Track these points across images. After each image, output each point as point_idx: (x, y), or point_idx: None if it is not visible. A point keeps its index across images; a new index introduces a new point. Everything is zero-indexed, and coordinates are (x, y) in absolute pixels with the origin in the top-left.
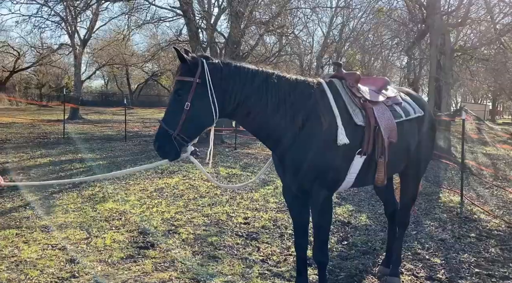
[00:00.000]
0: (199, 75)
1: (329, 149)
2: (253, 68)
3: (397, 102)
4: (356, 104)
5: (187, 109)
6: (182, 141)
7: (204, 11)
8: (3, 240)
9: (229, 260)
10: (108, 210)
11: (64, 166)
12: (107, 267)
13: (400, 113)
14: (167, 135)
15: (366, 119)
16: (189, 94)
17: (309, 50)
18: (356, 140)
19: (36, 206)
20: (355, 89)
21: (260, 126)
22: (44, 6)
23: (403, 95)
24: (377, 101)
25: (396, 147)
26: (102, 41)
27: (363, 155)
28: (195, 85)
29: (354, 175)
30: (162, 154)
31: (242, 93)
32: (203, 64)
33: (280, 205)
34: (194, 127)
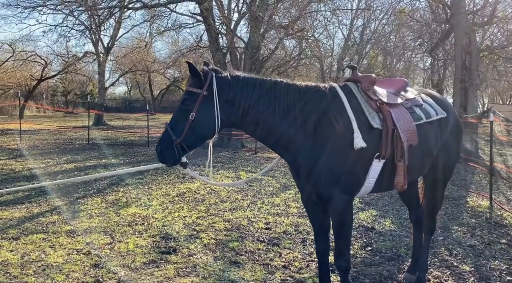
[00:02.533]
0: (206, 88)
1: (345, 153)
2: (261, 78)
3: (417, 104)
4: (372, 107)
5: (192, 120)
6: (182, 150)
7: (224, 17)
8: (31, 245)
9: (250, 266)
10: (131, 215)
11: (88, 171)
12: (130, 272)
13: (420, 115)
14: (170, 141)
15: (383, 122)
16: (195, 105)
17: (330, 53)
18: (374, 144)
19: (62, 211)
20: (371, 92)
21: (269, 135)
22: (69, 16)
23: (424, 96)
24: (395, 103)
25: (417, 150)
26: (125, 48)
27: (382, 158)
28: (202, 97)
29: (373, 179)
30: (161, 159)
31: (249, 104)
32: (212, 77)
33: (302, 210)
34: (195, 138)
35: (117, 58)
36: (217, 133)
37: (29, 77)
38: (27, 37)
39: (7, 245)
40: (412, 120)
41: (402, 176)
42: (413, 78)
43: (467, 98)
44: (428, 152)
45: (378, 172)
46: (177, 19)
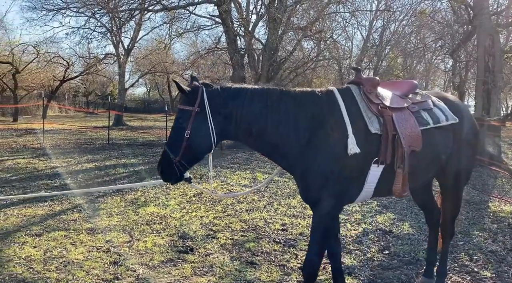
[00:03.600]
0: (198, 104)
1: (339, 159)
2: (253, 88)
3: (426, 108)
4: (372, 111)
5: (187, 137)
6: (182, 168)
7: (242, 19)
8: (53, 241)
9: (266, 267)
10: (150, 214)
11: (108, 170)
12: (148, 270)
13: (427, 120)
14: (170, 161)
15: (383, 127)
16: (189, 123)
17: (348, 54)
18: (371, 149)
19: (83, 209)
20: (373, 95)
21: (264, 144)
22: (91, 18)
23: (436, 100)
24: (399, 107)
25: (421, 156)
26: (145, 50)
27: (381, 164)
28: (194, 114)
29: (372, 184)
30: (164, 178)
31: (242, 115)
32: (202, 92)
33: None
34: (193, 154)
35: (137, 59)
36: (214, 147)
37: (52, 78)
38: (50, 39)
39: (31, 241)
40: (417, 125)
41: (400, 183)
42: (433, 81)
43: (490, 101)
44: (434, 157)
45: (377, 177)
46: (196, 21)
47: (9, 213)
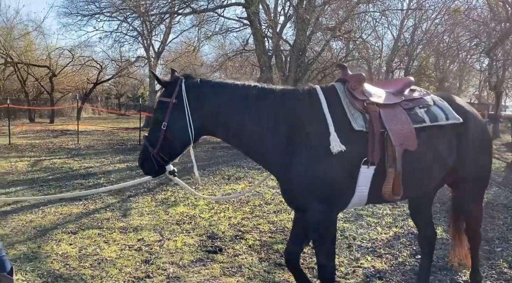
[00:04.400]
0: (176, 96)
1: (323, 158)
2: (232, 83)
3: (423, 105)
4: (356, 107)
5: (164, 129)
6: (161, 160)
7: (270, 20)
8: (87, 239)
9: None
10: (179, 214)
11: (139, 171)
12: (179, 269)
13: (423, 117)
14: (148, 153)
15: (369, 124)
16: (167, 114)
17: (378, 54)
18: (358, 147)
19: (115, 208)
20: (358, 91)
21: (242, 142)
22: (124, 22)
23: (438, 99)
24: (388, 103)
25: (418, 157)
26: (174, 53)
27: (371, 165)
28: (172, 106)
29: (364, 187)
30: (144, 171)
31: (220, 111)
32: (181, 84)
33: (348, 214)
34: (171, 147)
35: (167, 62)
36: (193, 141)
37: (86, 81)
38: (85, 43)
39: (67, 238)
40: (410, 122)
41: (391, 184)
42: (468, 80)
43: None
44: (436, 159)
45: (369, 179)
46: (224, 24)
47: (46, 211)
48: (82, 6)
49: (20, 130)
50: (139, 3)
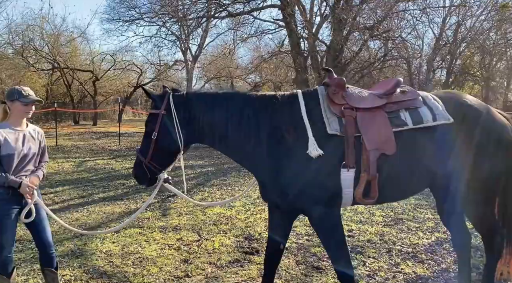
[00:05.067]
0: (164, 107)
1: (305, 162)
2: (216, 92)
3: (409, 107)
4: (333, 112)
5: (155, 139)
6: (154, 169)
7: (306, 21)
8: (129, 238)
9: (333, 273)
10: (216, 215)
11: (177, 171)
12: (217, 269)
13: (405, 120)
14: (140, 163)
15: (345, 128)
16: (156, 126)
17: (418, 53)
18: (334, 151)
19: (155, 208)
20: (338, 96)
21: (228, 149)
22: (162, 27)
23: (432, 99)
24: (367, 107)
25: (398, 161)
26: (211, 56)
27: (351, 168)
28: (161, 117)
29: (348, 190)
30: (137, 181)
31: (204, 120)
32: (168, 97)
33: (387, 218)
34: (162, 156)
35: (203, 65)
36: (182, 149)
37: (127, 85)
38: (125, 48)
39: (110, 237)
40: (389, 126)
41: (362, 187)
42: None
43: None
44: (418, 164)
45: (351, 182)
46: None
47: (91, 210)
48: (124, 12)
49: (66, 132)
50: (177, 8)
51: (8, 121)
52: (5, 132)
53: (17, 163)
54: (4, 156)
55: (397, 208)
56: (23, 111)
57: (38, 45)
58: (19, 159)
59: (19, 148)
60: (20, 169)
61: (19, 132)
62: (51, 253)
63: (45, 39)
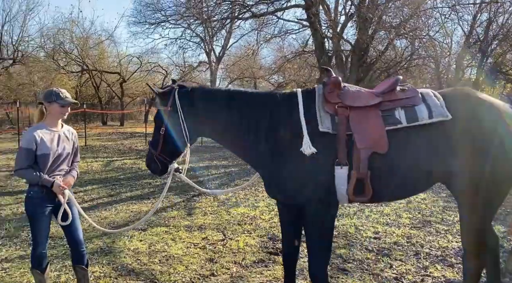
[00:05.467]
0: (170, 103)
1: (298, 160)
2: (219, 89)
3: (406, 106)
4: (326, 110)
5: (163, 134)
6: (164, 160)
7: (331, 20)
8: (156, 236)
9: (359, 275)
10: (241, 214)
11: (202, 172)
12: (241, 269)
13: (400, 119)
14: (151, 156)
15: (337, 126)
16: (164, 120)
17: (447, 52)
18: (328, 149)
19: (180, 207)
20: (333, 94)
21: (229, 144)
22: (187, 29)
23: (432, 96)
24: (361, 105)
25: (391, 160)
26: (234, 57)
27: (344, 165)
28: (167, 112)
29: (342, 187)
30: (151, 171)
31: (206, 115)
32: (174, 93)
33: (415, 221)
34: (170, 148)
35: (227, 66)
36: (189, 142)
37: (153, 86)
38: (151, 50)
39: (137, 235)
40: (381, 125)
41: (352, 185)
42: None
43: None
44: (414, 162)
45: (345, 180)
46: (283, 26)
47: (119, 208)
48: (150, 15)
49: (95, 133)
50: (202, 10)
51: (44, 122)
52: (41, 132)
53: (51, 163)
54: (39, 156)
55: (425, 210)
56: (60, 113)
57: (68, 48)
58: (53, 159)
59: (54, 148)
60: (55, 168)
61: (55, 133)
62: (82, 251)
63: (75, 42)
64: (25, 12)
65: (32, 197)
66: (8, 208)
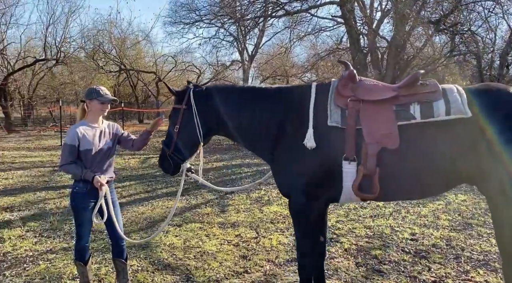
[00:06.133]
0: (185, 102)
1: (302, 153)
2: (232, 86)
3: (422, 101)
4: (338, 103)
5: (177, 132)
6: (177, 159)
7: (366, 17)
8: (190, 232)
9: (395, 276)
10: (273, 213)
11: (235, 169)
12: (275, 267)
13: (414, 114)
14: (164, 154)
15: (347, 120)
16: (178, 119)
17: (490, 47)
18: (334, 143)
19: (214, 204)
20: (346, 88)
21: (242, 139)
22: (221, 28)
23: (455, 91)
24: (373, 99)
25: (402, 156)
26: (267, 55)
27: (352, 161)
28: (183, 111)
29: (350, 183)
30: (163, 170)
31: (219, 113)
32: (189, 92)
33: (454, 223)
34: (184, 147)
35: (259, 65)
36: (202, 140)
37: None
38: (186, 50)
39: (173, 230)
40: (393, 120)
41: (358, 181)
42: None
43: None
44: (430, 161)
45: (353, 176)
46: (317, 23)
47: (155, 204)
48: (185, 15)
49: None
50: (235, 9)
51: (86, 119)
52: (83, 129)
53: (94, 157)
54: (82, 151)
55: (465, 212)
56: (100, 110)
57: (107, 48)
58: (96, 154)
59: (96, 143)
60: (97, 162)
61: (96, 129)
62: (122, 245)
63: (113, 42)
64: (67, 15)
65: (77, 192)
66: (52, 202)
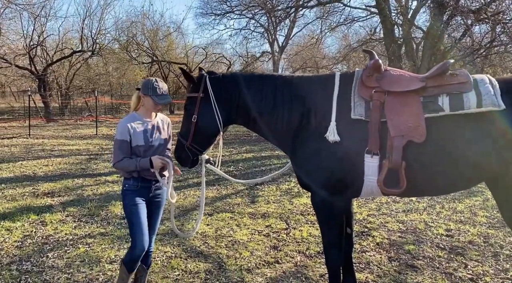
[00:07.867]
0: (202, 90)
1: (324, 145)
2: (251, 74)
3: (452, 92)
4: (362, 95)
5: (195, 122)
6: (196, 151)
7: (401, 6)
8: (221, 221)
9: (430, 272)
10: (303, 205)
11: (264, 161)
12: (306, 258)
13: (442, 106)
14: (182, 146)
15: (371, 113)
16: (195, 108)
17: None
18: (359, 136)
19: (244, 195)
20: (371, 79)
21: (261, 129)
22: (252, 19)
23: (487, 82)
24: (399, 91)
25: (429, 150)
26: (297, 46)
27: (374, 154)
28: (199, 99)
29: (372, 178)
30: (180, 163)
31: (239, 101)
32: (206, 79)
33: (493, 220)
34: (203, 137)
35: (289, 56)
36: (221, 130)
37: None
38: (216, 41)
39: (204, 219)
40: (419, 111)
41: (383, 175)
42: None
43: None
44: (460, 154)
45: (375, 170)
46: (350, 13)
47: (187, 193)
48: (216, 6)
49: None
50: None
51: (138, 112)
52: (134, 123)
53: (145, 153)
54: (134, 147)
55: None
56: (153, 108)
57: (140, 40)
58: (148, 149)
59: (147, 138)
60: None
61: (148, 123)
62: (149, 251)
63: (146, 34)
64: (103, 7)
65: (127, 190)
66: (89, 189)
